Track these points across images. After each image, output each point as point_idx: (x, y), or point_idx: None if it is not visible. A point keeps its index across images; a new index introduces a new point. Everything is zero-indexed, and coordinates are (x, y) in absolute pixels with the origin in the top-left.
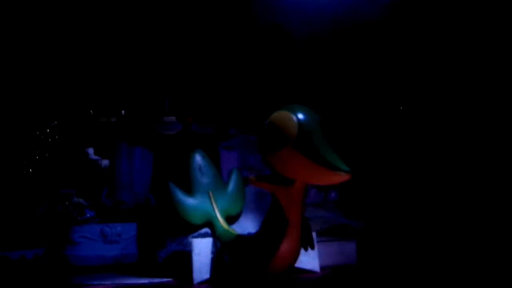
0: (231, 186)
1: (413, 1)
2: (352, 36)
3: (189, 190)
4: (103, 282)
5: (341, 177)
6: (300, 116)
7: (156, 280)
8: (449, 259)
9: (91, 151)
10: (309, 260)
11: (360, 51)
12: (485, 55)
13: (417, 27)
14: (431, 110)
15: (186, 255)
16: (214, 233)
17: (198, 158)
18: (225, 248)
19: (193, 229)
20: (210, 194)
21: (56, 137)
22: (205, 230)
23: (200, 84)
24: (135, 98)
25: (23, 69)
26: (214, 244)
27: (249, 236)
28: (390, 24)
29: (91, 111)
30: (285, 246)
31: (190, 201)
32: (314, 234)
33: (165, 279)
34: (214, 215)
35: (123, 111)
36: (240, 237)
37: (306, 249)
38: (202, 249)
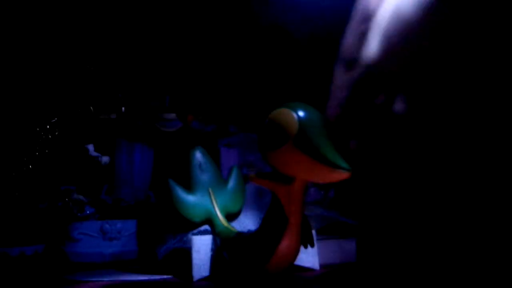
0: (231, 183)
1: None
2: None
3: (189, 187)
4: (102, 279)
5: (341, 175)
6: (301, 113)
7: (156, 277)
8: (450, 257)
9: (91, 147)
10: (308, 257)
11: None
12: (485, 54)
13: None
14: (430, 108)
15: (186, 252)
16: (214, 231)
17: (198, 155)
18: (224, 245)
19: (192, 226)
20: (210, 191)
21: (56, 133)
22: (205, 227)
23: (200, 81)
24: (136, 95)
25: (23, 66)
26: (214, 241)
27: (248, 234)
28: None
29: (91, 108)
30: (284, 244)
31: (190, 198)
32: (314, 232)
33: (164, 276)
34: (214, 213)
35: (123, 108)
36: (239, 235)
37: (305, 247)
38: (201, 246)
